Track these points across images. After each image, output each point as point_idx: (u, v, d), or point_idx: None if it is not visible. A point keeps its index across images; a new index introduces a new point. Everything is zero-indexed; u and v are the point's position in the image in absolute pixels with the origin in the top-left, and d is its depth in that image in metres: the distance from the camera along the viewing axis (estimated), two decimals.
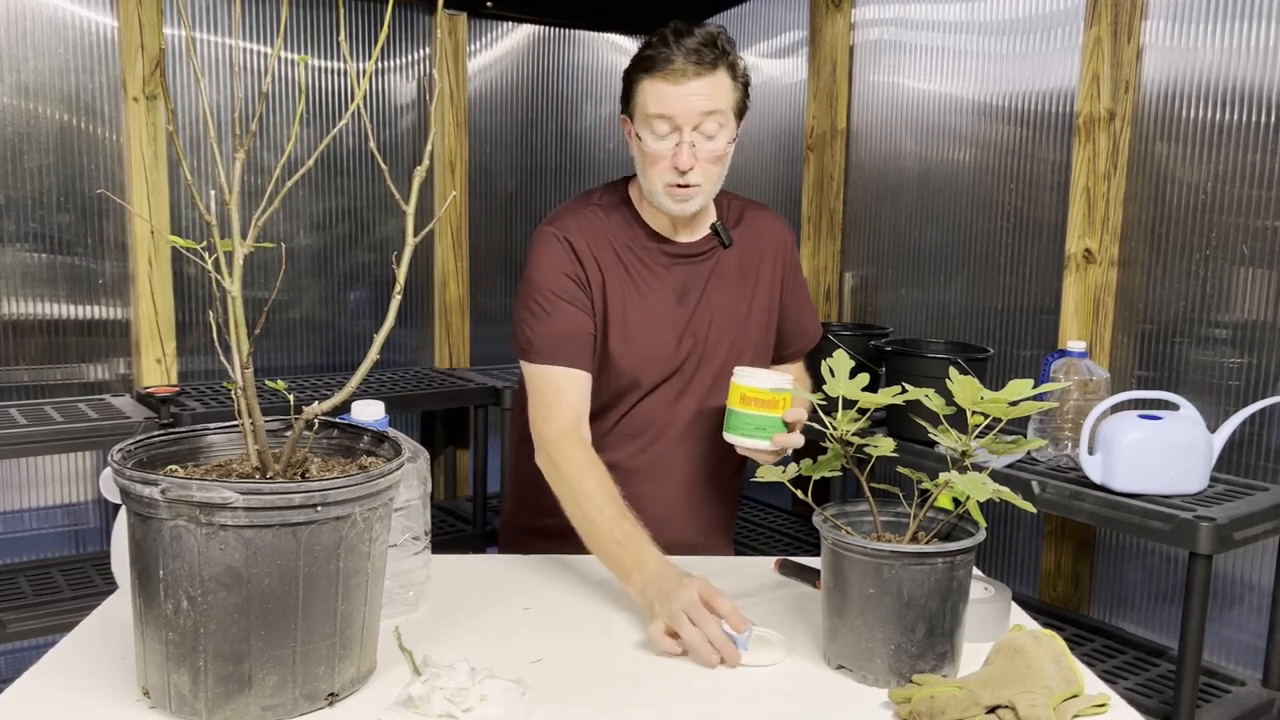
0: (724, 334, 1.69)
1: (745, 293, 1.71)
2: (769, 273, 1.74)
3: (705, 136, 1.53)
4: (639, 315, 1.65)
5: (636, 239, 1.66)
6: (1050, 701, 1.05)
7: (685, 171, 1.53)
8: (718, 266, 1.70)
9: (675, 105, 1.51)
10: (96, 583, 2.53)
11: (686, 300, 1.67)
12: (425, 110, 3.28)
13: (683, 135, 1.52)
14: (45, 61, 2.64)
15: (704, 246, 1.69)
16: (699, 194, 1.57)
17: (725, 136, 1.55)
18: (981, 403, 1.14)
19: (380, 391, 2.89)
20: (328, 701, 1.06)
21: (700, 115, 1.52)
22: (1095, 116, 2.33)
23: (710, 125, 1.53)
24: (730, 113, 1.55)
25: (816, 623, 1.30)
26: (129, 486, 1.00)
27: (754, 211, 1.76)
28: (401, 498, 1.29)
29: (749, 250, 1.72)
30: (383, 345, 1.06)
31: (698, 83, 1.51)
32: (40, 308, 2.69)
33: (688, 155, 1.52)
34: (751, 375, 1.48)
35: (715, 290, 1.69)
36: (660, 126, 1.53)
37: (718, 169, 1.58)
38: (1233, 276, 2.15)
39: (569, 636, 1.29)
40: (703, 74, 1.51)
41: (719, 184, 1.61)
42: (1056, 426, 2.14)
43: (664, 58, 1.52)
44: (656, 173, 1.56)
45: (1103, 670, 2.11)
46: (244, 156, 1.03)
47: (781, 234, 1.77)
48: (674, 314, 1.66)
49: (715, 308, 1.69)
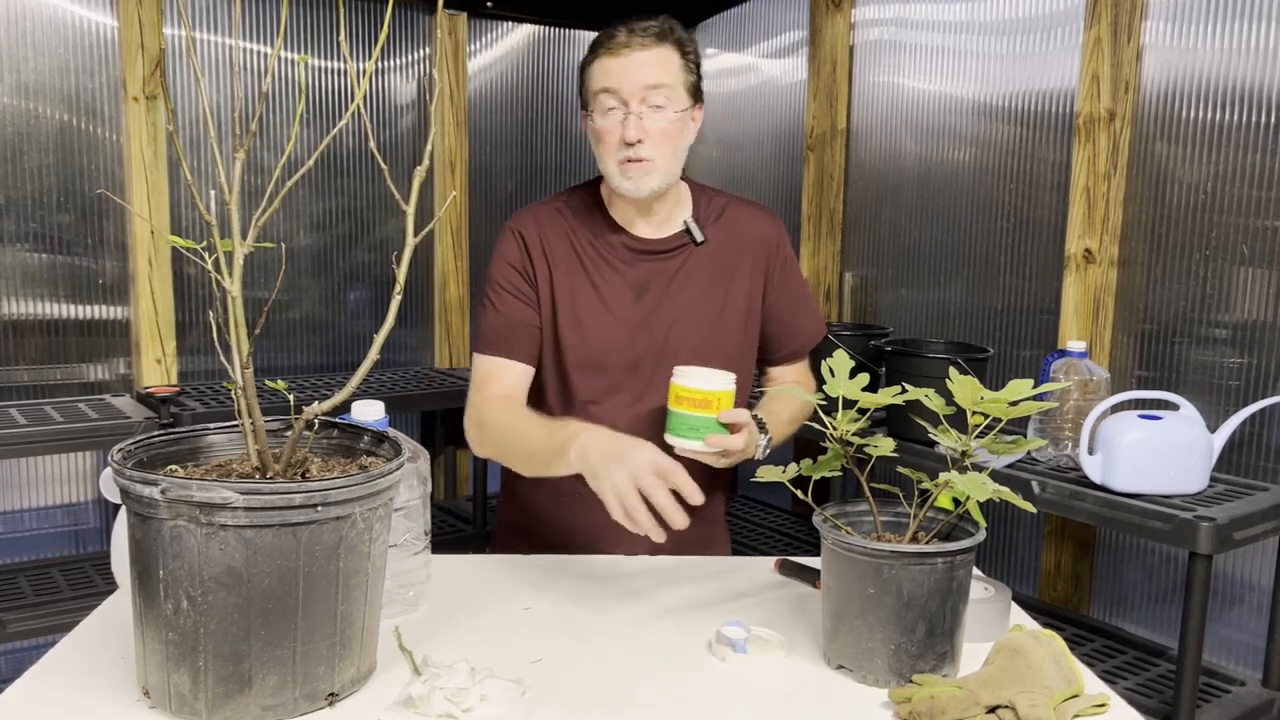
0: (689, 334, 1.65)
1: (718, 292, 1.67)
2: (748, 272, 1.69)
3: (652, 108, 1.53)
4: (591, 309, 1.63)
5: (599, 233, 1.65)
6: (1050, 701, 1.05)
7: (633, 144, 1.53)
8: (687, 264, 1.66)
9: (618, 77, 1.53)
10: (96, 583, 2.53)
11: (645, 297, 1.64)
12: (425, 110, 3.28)
13: (629, 108, 1.53)
14: (45, 61, 2.64)
15: (673, 243, 1.66)
16: (653, 170, 1.55)
17: (674, 107, 1.55)
18: (981, 403, 1.14)
19: (380, 391, 2.89)
20: (328, 701, 1.06)
21: (645, 88, 1.52)
22: (1095, 116, 2.33)
23: (657, 97, 1.53)
24: (679, 88, 1.55)
25: (816, 623, 1.30)
26: (129, 486, 1.00)
27: (738, 208, 1.72)
28: (402, 498, 1.29)
29: (727, 248, 1.68)
30: (383, 345, 1.06)
31: (642, 54, 1.52)
32: (40, 308, 2.69)
33: (634, 127, 1.52)
34: (686, 374, 1.46)
35: (682, 289, 1.65)
36: (607, 101, 1.54)
37: (670, 146, 1.56)
38: (1233, 276, 2.15)
39: (569, 636, 1.29)
40: (647, 47, 1.53)
41: (675, 163, 1.59)
42: (1056, 426, 2.14)
43: (609, 37, 1.55)
44: (607, 151, 1.56)
45: (1103, 670, 2.11)
46: (244, 156, 1.03)
47: (766, 231, 1.71)
48: (629, 310, 1.64)
49: (680, 307, 1.65)
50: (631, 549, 1.62)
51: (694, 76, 1.59)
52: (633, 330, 1.63)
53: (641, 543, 1.65)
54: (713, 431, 1.44)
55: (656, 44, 1.54)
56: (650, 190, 1.58)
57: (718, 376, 1.46)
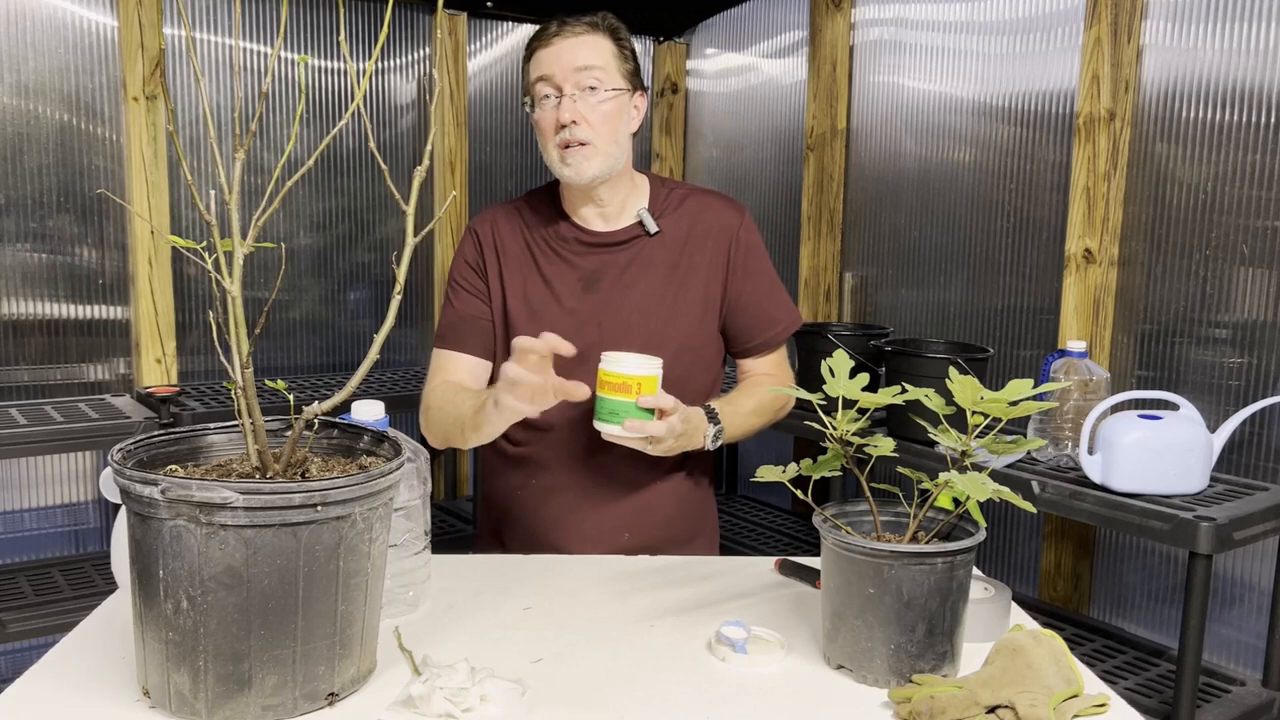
0: (639, 325, 1.64)
1: (672, 284, 1.66)
2: (706, 262, 1.67)
3: (585, 90, 1.55)
4: (542, 300, 1.65)
5: (551, 227, 1.67)
6: (1050, 701, 1.05)
7: (567, 125, 1.54)
8: (640, 255, 1.66)
9: (549, 63, 1.56)
10: (96, 583, 2.53)
11: (595, 288, 1.65)
12: (425, 110, 3.28)
13: (563, 92, 1.55)
14: (45, 61, 2.64)
15: (626, 235, 1.66)
16: (593, 155, 1.56)
17: (606, 87, 1.56)
18: (981, 403, 1.14)
19: (380, 391, 2.89)
20: (328, 701, 1.06)
21: (575, 70, 1.54)
22: (1095, 116, 2.33)
23: (588, 79, 1.55)
24: (613, 71, 1.57)
25: (816, 623, 1.30)
26: (129, 486, 1.00)
27: (698, 199, 1.71)
28: (402, 498, 1.29)
29: (683, 238, 1.67)
30: (383, 345, 1.06)
31: (572, 40, 1.56)
32: (40, 308, 2.69)
33: (568, 108, 1.54)
34: (610, 359, 1.46)
35: (634, 280, 1.65)
36: (542, 89, 1.57)
37: (608, 129, 1.57)
38: (1233, 276, 2.15)
39: (569, 636, 1.29)
40: (578, 34, 1.56)
41: (616, 147, 1.60)
42: (1056, 426, 2.14)
43: (543, 29, 1.59)
44: (547, 140, 1.59)
45: (1103, 670, 2.11)
46: (244, 156, 1.03)
47: (725, 220, 1.69)
48: (577, 300, 1.65)
49: (631, 299, 1.65)
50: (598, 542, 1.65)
51: (630, 64, 1.61)
52: (580, 321, 1.64)
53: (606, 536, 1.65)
54: (631, 415, 1.44)
55: (588, 31, 1.57)
56: (591, 176, 1.58)
57: (639, 361, 1.46)
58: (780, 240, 3.30)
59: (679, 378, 1.66)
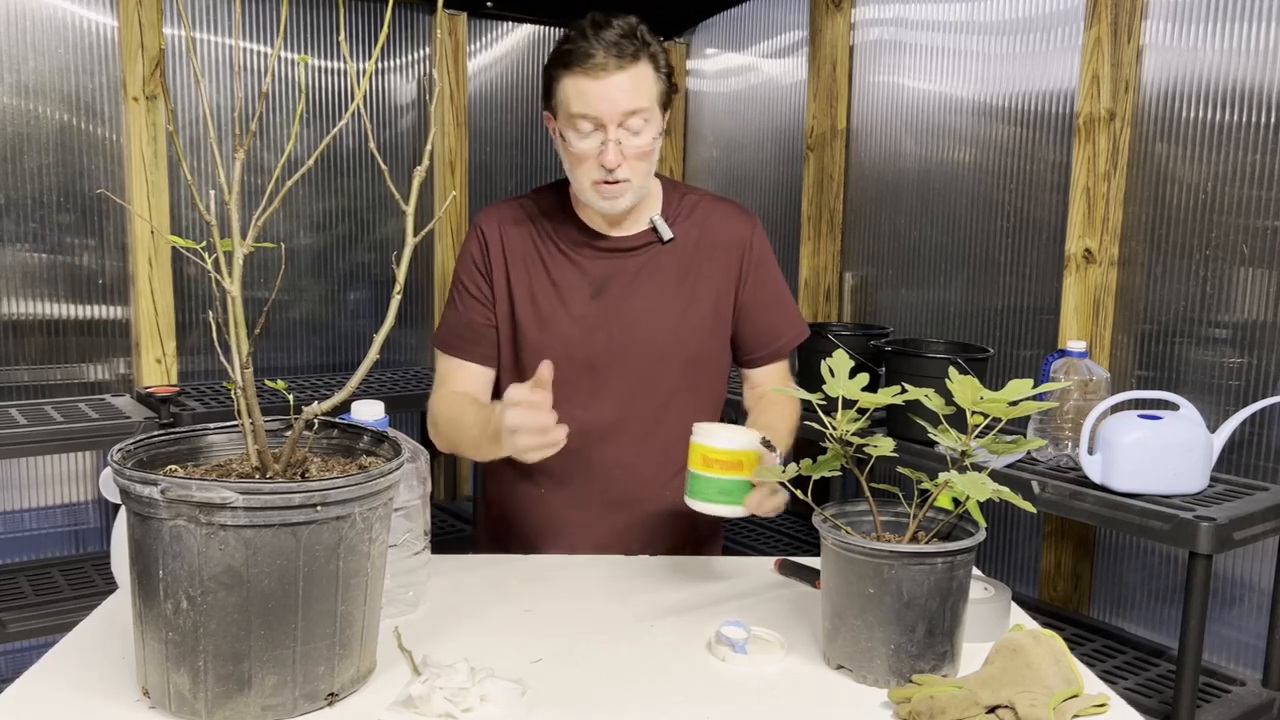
0: (649, 334, 1.62)
1: (683, 291, 1.63)
2: (718, 271, 1.65)
3: (630, 133, 1.50)
4: (550, 305, 1.62)
5: (563, 230, 1.64)
6: (1050, 701, 1.05)
7: (613, 169, 1.50)
8: (651, 262, 1.63)
9: (598, 104, 1.48)
10: (96, 583, 2.53)
11: (604, 294, 1.62)
12: (425, 110, 3.28)
13: (608, 134, 1.49)
14: (45, 61, 2.64)
15: (639, 241, 1.63)
16: (629, 190, 1.53)
17: (650, 132, 1.51)
18: (981, 403, 1.14)
19: (380, 391, 2.89)
20: (328, 701, 1.06)
21: (623, 114, 1.48)
22: (1095, 116, 2.33)
23: (635, 122, 1.49)
24: (655, 107, 1.51)
25: (816, 623, 1.30)
26: (129, 486, 1.00)
27: (710, 206, 1.68)
28: (402, 498, 1.29)
29: (695, 246, 1.64)
30: (383, 345, 1.06)
31: (620, 76, 1.47)
32: (40, 308, 2.69)
33: (614, 154, 1.49)
34: (713, 436, 1.37)
35: (644, 287, 1.62)
36: (584, 125, 1.50)
37: (645, 164, 1.53)
38: (1233, 276, 2.15)
39: (569, 636, 1.29)
40: (624, 67, 1.47)
41: (648, 178, 1.57)
42: (1056, 426, 2.14)
43: (583, 52, 1.47)
44: (584, 171, 1.53)
45: (1103, 670, 2.11)
46: (244, 156, 1.03)
47: (738, 230, 1.67)
48: (584, 306, 1.62)
49: (641, 306, 1.62)
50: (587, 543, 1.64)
51: (664, 85, 1.54)
52: (588, 328, 1.62)
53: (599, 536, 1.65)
54: (747, 493, 1.37)
55: (633, 62, 1.48)
56: (623, 208, 1.56)
57: (745, 435, 1.39)
58: (780, 240, 3.30)
59: (690, 387, 1.65)
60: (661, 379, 1.63)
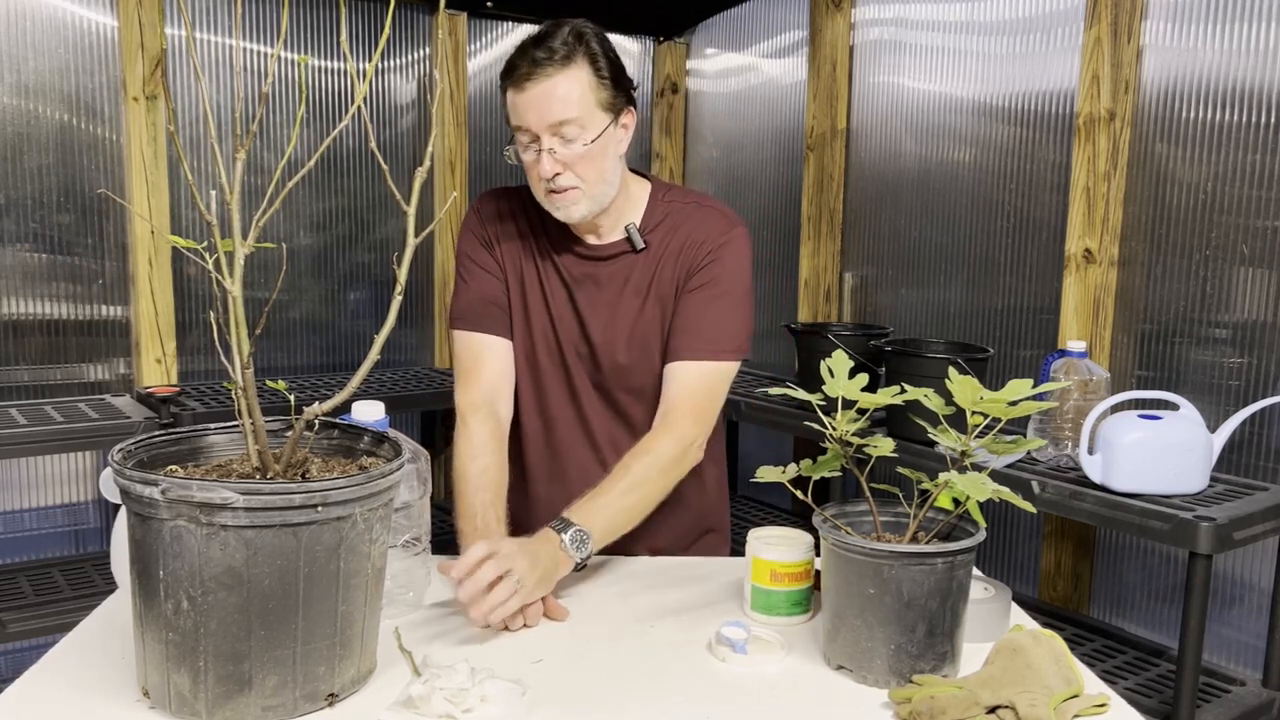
0: (610, 344, 1.60)
1: (644, 300, 1.60)
2: (668, 277, 1.59)
3: (564, 140, 1.47)
4: (534, 298, 1.63)
5: (551, 228, 1.63)
6: (1050, 701, 1.05)
7: (549, 178, 1.49)
8: (622, 272, 1.60)
9: (526, 115, 1.47)
10: (96, 583, 2.53)
11: (578, 299, 1.61)
12: (425, 110, 3.28)
13: (540, 143, 1.48)
14: (45, 61, 2.64)
15: (613, 250, 1.61)
16: (581, 197, 1.51)
17: (585, 138, 1.48)
18: (981, 403, 1.14)
19: (380, 392, 2.88)
20: (328, 702, 1.06)
21: (552, 124, 1.46)
22: (1095, 116, 2.33)
23: (571, 129, 1.47)
24: (592, 111, 1.47)
25: (816, 623, 1.30)
26: (129, 486, 1.00)
27: (690, 211, 1.62)
28: (402, 498, 1.29)
29: (664, 253, 1.60)
30: (383, 345, 1.06)
31: (545, 85, 1.45)
32: (40, 308, 2.69)
33: (549, 163, 1.48)
34: (774, 546, 1.35)
35: (614, 298, 1.60)
36: (523, 137, 1.50)
37: (594, 170, 1.50)
38: (1233, 276, 2.15)
39: (569, 636, 1.29)
40: (551, 75, 1.45)
41: (605, 184, 1.52)
42: (1056, 426, 2.14)
43: (511, 65, 1.48)
44: (533, 182, 1.54)
45: (1103, 670, 2.11)
46: (244, 156, 1.03)
47: (706, 234, 1.58)
48: (561, 307, 1.62)
49: (608, 316, 1.60)
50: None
51: (608, 90, 1.49)
52: (564, 328, 1.62)
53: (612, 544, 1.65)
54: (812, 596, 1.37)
55: (560, 68, 1.44)
56: (580, 216, 1.54)
57: (800, 539, 1.38)
58: (780, 240, 3.30)
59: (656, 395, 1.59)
60: (626, 385, 1.63)
